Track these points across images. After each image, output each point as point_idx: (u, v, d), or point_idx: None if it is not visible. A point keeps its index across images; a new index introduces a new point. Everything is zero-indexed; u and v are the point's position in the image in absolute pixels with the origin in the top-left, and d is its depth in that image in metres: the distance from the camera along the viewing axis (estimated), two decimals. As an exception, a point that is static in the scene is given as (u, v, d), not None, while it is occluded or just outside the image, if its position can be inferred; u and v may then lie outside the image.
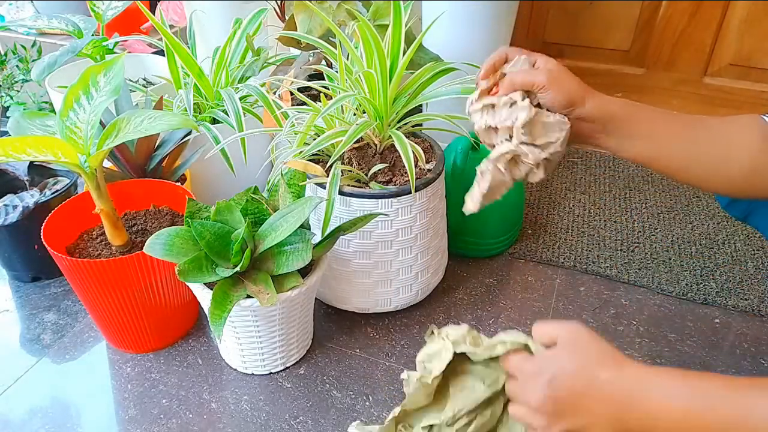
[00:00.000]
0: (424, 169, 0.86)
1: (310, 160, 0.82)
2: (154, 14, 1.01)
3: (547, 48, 1.51)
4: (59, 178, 1.03)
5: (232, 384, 0.84)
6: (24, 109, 1.19)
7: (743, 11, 1.31)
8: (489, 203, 0.66)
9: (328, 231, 0.80)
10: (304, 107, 0.86)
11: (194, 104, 0.99)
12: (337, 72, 0.86)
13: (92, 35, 1.09)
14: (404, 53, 0.82)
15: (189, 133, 0.96)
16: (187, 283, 0.76)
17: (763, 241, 1.11)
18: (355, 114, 0.87)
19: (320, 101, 0.86)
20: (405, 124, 0.88)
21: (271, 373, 0.86)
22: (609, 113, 0.63)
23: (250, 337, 0.80)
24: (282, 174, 0.83)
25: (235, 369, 0.86)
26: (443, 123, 0.89)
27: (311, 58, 1.10)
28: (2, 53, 1.22)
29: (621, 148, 0.66)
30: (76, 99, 0.73)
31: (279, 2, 1.25)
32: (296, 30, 1.00)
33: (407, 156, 0.78)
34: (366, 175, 0.85)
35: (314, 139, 0.80)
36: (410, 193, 0.82)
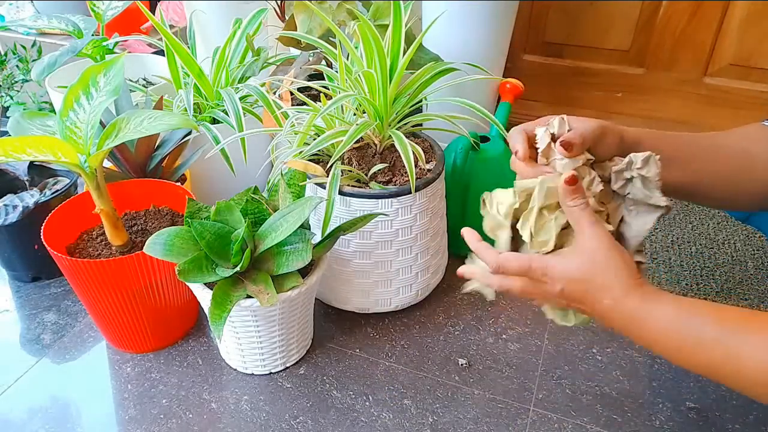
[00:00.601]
0: (424, 169, 0.86)
1: (310, 160, 0.82)
2: (154, 14, 1.01)
3: (547, 48, 1.50)
4: (59, 178, 1.03)
5: (232, 384, 0.84)
6: (24, 109, 1.19)
7: (743, 11, 1.31)
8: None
9: (328, 231, 0.80)
10: (304, 107, 0.86)
11: (194, 104, 0.98)
12: (337, 72, 0.86)
13: (92, 35, 1.09)
14: (404, 53, 0.82)
15: (189, 133, 0.96)
16: (187, 283, 0.76)
17: (763, 241, 1.11)
18: (355, 114, 0.87)
19: (320, 101, 0.86)
20: (405, 124, 0.88)
21: (271, 373, 0.86)
22: (636, 144, 0.60)
23: (250, 337, 0.80)
24: (282, 174, 0.83)
25: (235, 369, 0.86)
26: (443, 123, 0.89)
27: (311, 58, 1.10)
28: (2, 53, 1.22)
29: None
30: (76, 99, 0.73)
31: (279, 2, 1.25)
32: (296, 30, 1.00)
33: (407, 156, 0.78)
34: (366, 175, 0.85)
35: (314, 139, 0.80)
36: (410, 193, 0.82)
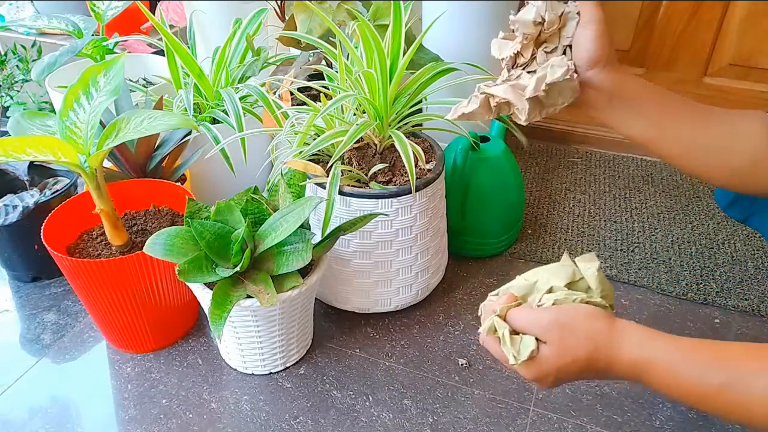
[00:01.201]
0: (424, 169, 0.86)
1: (310, 160, 0.82)
2: (154, 14, 1.01)
3: (547, 48, 1.50)
4: (59, 178, 1.03)
5: (232, 384, 0.84)
6: (24, 109, 1.19)
7: (743, 11, 1.31)
8: (464, 120, 0.65)
9: (328, 231, 0.80)
10: (304, 107, 0.86)
11: (194, 104, 0.98)
12: (337, 72, 0.86)
13: (92, 35, 1.09)
14: (404, 53, 0.82)
15: (189, 133, 0.96)
16: (187, 283, 0.76)
17: (763, 241, 1.11)
18: (355, 114, 0.87)
19: (320, 101, 0.86)
20: (405, 124, 0.88)
21: (271, 373, 0.86)
22: (618, 87, 0.60)
23: (250, 337, 0.80)
24: (282, 174, 0.83)
25: (235, 369, 0.86)
26: (443, 123, 0.89)
27: (311, 58, 1.10)
28: (2, 53, 1.22)
29: (618, 126, 0.62)
30: (76, 99, 0.73)
31: (279, 2, 1.24)
32: (296, 30, 1.00)
33: (407, 156, 0.78)
34: (366, 175, 0.85)
35: (314, 139, 0.80)
36: (410, 193, 0.82)
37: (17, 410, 0.81)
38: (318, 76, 0.99)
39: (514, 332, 0.58)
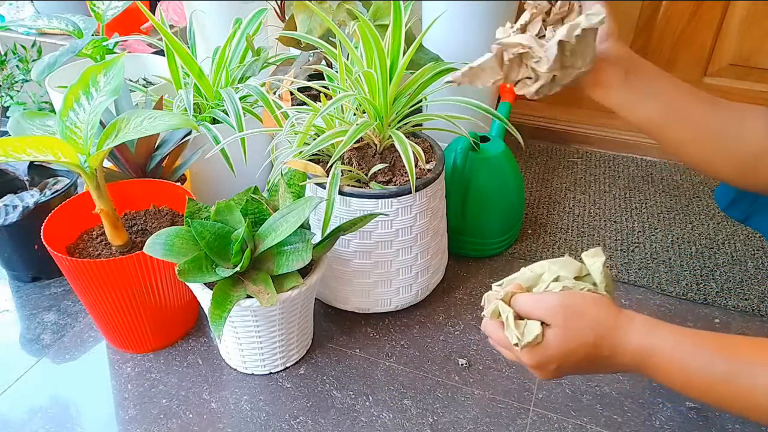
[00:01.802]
0: (424, 169, 0.86)
1: (310, 160, 0.82)
2: (154, 14, 1.01)
3: (547, 48, 1.50)
4: (59, 178, 1.03)
5: (232, 384, 0.84)
6: (24, 109, 1.19)
7: (743, 11, 1.31)
8: (467, 84, 0.62)
9: (328, 231, 0.80)
10: (304, 107, 0.86)
11: (194, 104, 0.98)
12: (337, 72, 0.86)
13: (92, 35, 1.09)
14: (404, 53, 0.82)
15: (189, 133, 0.96)
16: (187, 283, 0.76)
17: (763, 241, 1.11)
18: (355, 114, 0.87)
19: (320, 101, 0.86)
20: (405, 124, 0.88)
21: (271, 373, 0.86)
22: (633, 62, 0.59)
23: (250, 337, 0.80)
24: (282, 174, 0.83)
25: (235, 369, 0.86)
26: (443, 123, 0.89)
27: (311, 58, 1.10)
28: (2, 53, 1.22)
29: (631, 106, 0.60)
30: (76, 99, 0.73)
31: (279, 2, 1.24)
32: (296, 30, 1.00)
33: (407, 156, 0.78)
34: (366, 175, 0.85)
35: (314, 139, 0.80)
36: (410, 193, 0.82)
37: (17, 410, 0.81)
38: (318, 76, 0.99)
39: (519, 318, 0.57)
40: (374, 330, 0.93)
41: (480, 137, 1.03)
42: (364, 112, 0.86)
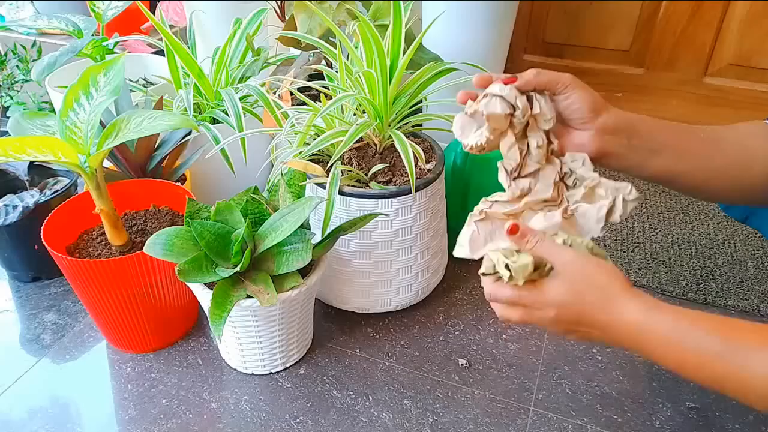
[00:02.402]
0: (424, 169, 0.86)
1: (310, 160, 0.82)
2: (154, 14, 1.01)
3: (547, 48, 1.50)
4: (59, 178, 1.03)
5: (232, 384, 0.84)
6: (24, 109, 1.19)
7: (743, 11, 1.31)
8: None
9: (328, 231, 0.80)
10: (304, 107, 0.86)
11: (194, 104, 0.99)
12: (337, 72, 0.86)
13: (92, 35, 1.09)
14: (404, 53, 0.82)
15: (189, 133, 0.96)
16: (187, 283, 0.76)
17: (763, 241, 1.11)
18: (355, 114, 0.87)
19: (320, 101, 0.86)
20: (405, 124, 0.88)
21: (271, 373, 0.86)
22: (631, 124, 0.60)
23: (250, 337, 0.80)
24: (282, 174, 0.83)
25: (235, 369, 0.86)
26: (443, 123, 0.89)
27: (311, 58, 1.10)
28: (2, 53, 1.22)
29: (645, 164, 0.62)
30: (76, 99, 0.73)
31: (279, 2, 1.25)
32: (296, 30, 1.00)
33: (407, 156, 0.78)
34: (366, 175, 0.85)
35: (314, 139, 0.80)
36: (410, 193, 0.82)
37: (17, 410, 0.81)
38: (318, 76, 0.99)
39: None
40: (374, 330, 0.93)
41: (480, 137, 1.03)
42: (364, 112, 0.86)
